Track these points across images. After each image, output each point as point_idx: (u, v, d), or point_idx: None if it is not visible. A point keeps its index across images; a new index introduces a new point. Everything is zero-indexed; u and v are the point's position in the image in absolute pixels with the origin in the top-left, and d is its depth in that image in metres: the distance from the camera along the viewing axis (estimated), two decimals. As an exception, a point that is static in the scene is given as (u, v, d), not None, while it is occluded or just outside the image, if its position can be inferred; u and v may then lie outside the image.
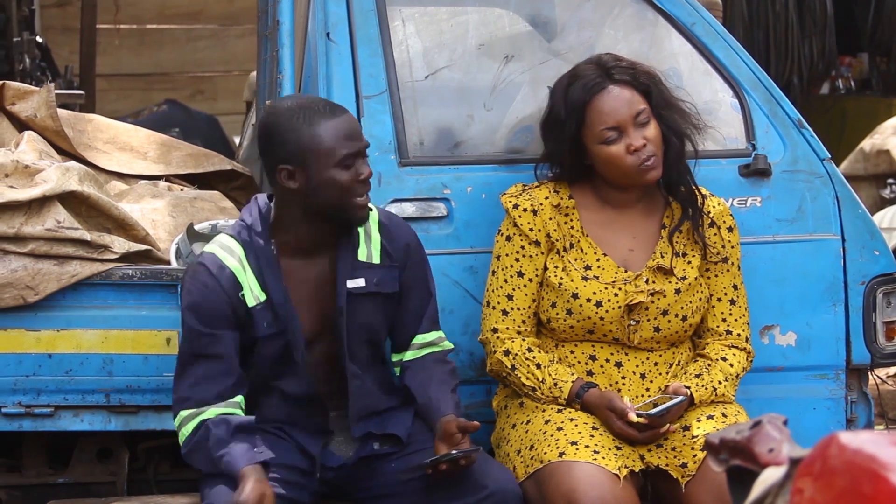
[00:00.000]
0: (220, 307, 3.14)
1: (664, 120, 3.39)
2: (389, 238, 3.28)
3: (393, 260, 3.28)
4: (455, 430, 3.14)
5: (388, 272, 3.27)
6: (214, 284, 3.13)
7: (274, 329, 3.16)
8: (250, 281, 3.16)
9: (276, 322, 3.16)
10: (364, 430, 3.24)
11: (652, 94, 3.38)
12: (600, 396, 3.31)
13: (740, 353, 3.46)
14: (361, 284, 3.22)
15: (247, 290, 3.15)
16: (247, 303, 3.15)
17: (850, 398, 3.74)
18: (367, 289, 3.22)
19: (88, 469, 3.63)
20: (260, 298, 3.16)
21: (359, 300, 3.22)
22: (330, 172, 3.12)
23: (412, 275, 3.31)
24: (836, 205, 3.71)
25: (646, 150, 3.34)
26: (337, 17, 3.61)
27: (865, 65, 10.00)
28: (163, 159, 3.97)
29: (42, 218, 3.42)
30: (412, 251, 3.32)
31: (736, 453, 1.94)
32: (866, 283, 3.72)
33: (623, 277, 3.39)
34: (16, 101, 3.84)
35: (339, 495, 3.30)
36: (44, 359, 3.47)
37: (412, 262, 3.31)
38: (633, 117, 3.34)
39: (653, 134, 3.36)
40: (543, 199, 3.43)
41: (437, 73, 3.69)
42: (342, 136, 3.13)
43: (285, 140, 3.14)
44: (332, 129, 3.13)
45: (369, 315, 3.24)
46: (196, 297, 3.15)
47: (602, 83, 3.36)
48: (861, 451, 1.68)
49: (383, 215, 3.32)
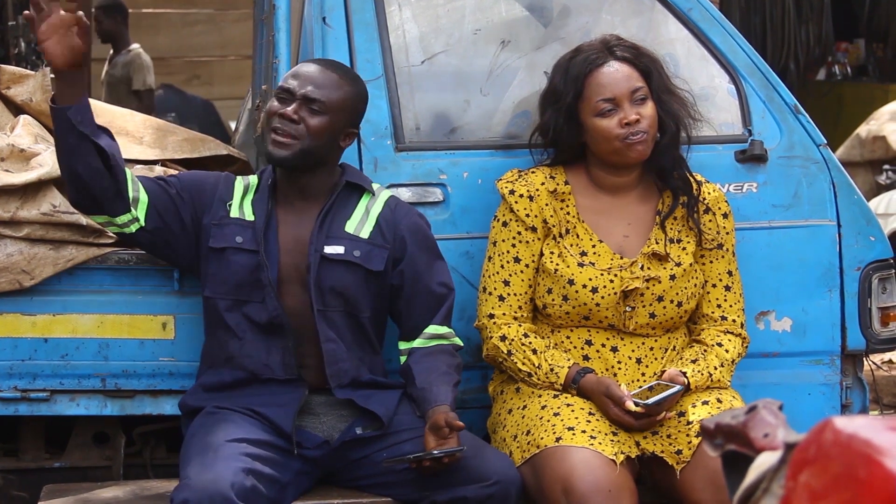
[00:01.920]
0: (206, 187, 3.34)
1: (662, 104, 3.39)
2: (389, 220, 3.33)
3: (386, 241, 3.31)
4: (443, 424, 3.15)
5: (374, 249, 3.31)
6: (216, 175, 3.39)
7: (250, 247, 3.27)
8: (246, 201, 3.33)
9: (253, 243, 3.27)
10: (345, 395, 3.25)
11: (652, 75, 3.39)
12: (597, 382, 3.31)
13: (735, 338, 3.47)
14: (339, 251, 3.29)
15: (235, 203, 3.32)
16: (230, 212, 3.31)
17: (845, 384, 3.75)
18: (345, 257, 3.28)
19: (84, 453, 3.63)
20: (246, 217, 3.31)
21: (334, 266, 3.28)
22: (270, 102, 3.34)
23: (419, 262, 3.32)
24: (833, 191, 3.71)
25: (638, 126, 3.34)
26: (333, 2, 3.61)
27: (862, 51, 10.00)
28: (159, 144, 3.97)
29: (38, 202, 3.42)
30: (414, 239, 3.33)
31: (731, 438, 1.95)
32: (862, 268, 3.72)
33: (619, 264, 3.40)
34: (11, 85, 3.83)
35: (329, 477, 3.31)
36: (40, 343, 3.47)
37: (416, 250, 3.32)
38: (630, 92, 3.35)
39: (648, 113, 3.36)
40: (539, 184, 3.43)
41: (434, 57, 3.68)
42: (292, 71, 3.35)
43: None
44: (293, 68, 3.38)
45: (346, 283, 3.28)
46: (197, 173, 3.44)
47: (603, 58, 3.37)
48: (856, 436, 1.69)
49: (393, 200, 3.38)
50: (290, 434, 3.22)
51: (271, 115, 3.29)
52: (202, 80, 10.29)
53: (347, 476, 3.30)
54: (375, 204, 3.34)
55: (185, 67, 10.33)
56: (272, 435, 3.23)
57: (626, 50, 3.40)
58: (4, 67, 3.86)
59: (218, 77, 10.19)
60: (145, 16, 10.21)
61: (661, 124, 3.39)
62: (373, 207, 3.34)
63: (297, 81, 3.29)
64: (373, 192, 3.37)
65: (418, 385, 3.27)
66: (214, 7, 10.40)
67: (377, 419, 3.26)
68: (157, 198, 3.30)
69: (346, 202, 3.34)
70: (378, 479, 3.26)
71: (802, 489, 1.73)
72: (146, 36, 9.87)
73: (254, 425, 3.21)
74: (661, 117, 3.39)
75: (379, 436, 3.26)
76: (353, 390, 3.27)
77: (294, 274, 3.29)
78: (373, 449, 3.26)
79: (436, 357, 3.31)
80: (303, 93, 3.27)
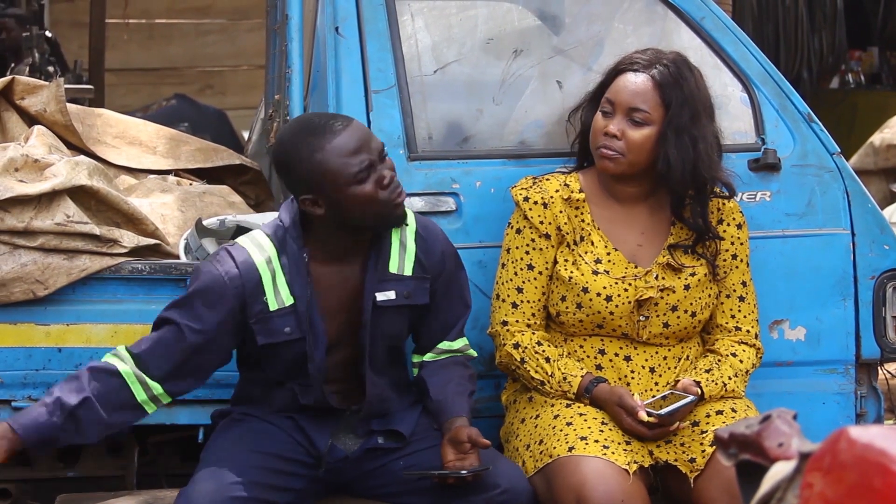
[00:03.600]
0: (228, 300, 3.06)
1: (665, 141, 3.31)
2: (425, 250, 3.24)
3: (426, 271, 3.23)
4: (465, 440, 3.12)
5: (419, 284, 3.22)
6: (233, 275, 3.06)
7: (296, 335, 3.11)
8: (279, 283, 3.10)
9: (299, 328, 3.11)
10: (367, 428, 3.23)
11: (671, 108, 3.31)
12: (610, 392, 3.30)
13: (750, 349, 3.46)
14: (391, 297, 3.17)
15: (270, 293, 3.09)
16: (269, 306, 3.10)
17: (859, 393, 3.74)
18: (397, 301, 3.18)
19: (98, 463, 3.64)
20: (286, 303, 3.10)
21: (386, 312, 3.18)
22: (349, 191, 3.05)
23: (445, 284, 3.28)
24: (846, 199, 3.71)
25: (613, 142, 3.32)
26: (346, 12, 3.61)
27: (875, 59, 9.97)
28: (172, 154, 3.98)
29: (52, 212, 3.42)
30: (447, 262, 3.28)
31: (745, 448, 1.94)
32: (876, 277, 3.71)
33: (633, 273, 3.39)
34: (25, 96, 3.84)
35: (345, 487, 3.30)
36: (53, 353, 3.47)
37: (446, 272, 3.28)
38: (628, 108, 3.33)
39: (634, 137, 3.32)
40: (554, 191, 3.43)
41: (446, 67, 3.69)
42: (346, 153, 3.05)
43: (297, 172, 3.09)
44: (335, 151, 3.05)
45: (395, 326, 3.21)
46: (208, 281, 3.07)
47: (640, 67, 3.34)
48: (871, 446, 1.68)
49: (421, 225, 3.26)
50: (322, 451, 3.18)
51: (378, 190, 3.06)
52: (215, 89, 10.30)
53: (362, 486, 3.28)
54: (408, 235, 3.23)
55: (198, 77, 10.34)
56: (296, 444, 3.19)
57: (663, 73, 3.32)
58: (18, 78, 3.88)
59: (231, 87, 10.21)
60: (158, 26, 10.24)
61: (660, 158, 3.31)
62: (407, 240, 3.22)
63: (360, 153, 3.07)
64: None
65: (433, 398, 3.25)
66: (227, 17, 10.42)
67: (399, 433, 3.25)
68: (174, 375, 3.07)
69: (380, 240, 3.19)
70: (392, 489, 3.25)
71: (817, 499, 1.73)
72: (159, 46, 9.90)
73: (275, 435, 3.18)
74: (661, 152, 3.31)
75: (396, 447, 3.25)
76: (374, 419, 3.25)
77: (343, 331, 3.17)
78: (389, 459, 3.25)
79: (450, 369, 3.30)
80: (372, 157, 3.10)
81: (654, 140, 3.32)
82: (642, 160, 3.33)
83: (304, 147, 3.07)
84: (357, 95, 3.57)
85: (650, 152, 3.33)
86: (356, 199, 3.05)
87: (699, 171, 3.32)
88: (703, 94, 3.36)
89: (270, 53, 4.37)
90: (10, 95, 3.85)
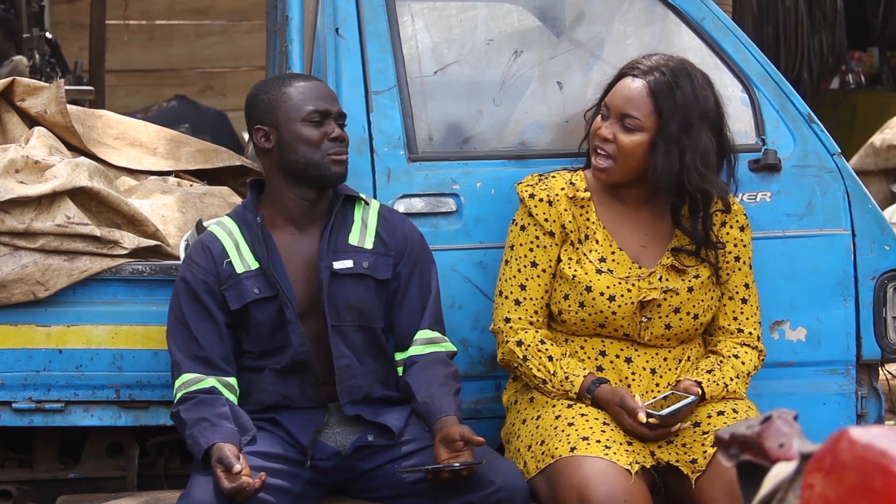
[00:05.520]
0: (204, 277, 3.25)
1: (657, 150, 3.30)
2: (387, 228, 3.34)
3: (388, 248, 3.33)
4: (457, 438, 3.14)
5: (380, 259, 3.32)
6: (203, 257, 3.28)
7: (267, 293, 3.24)
8: (243, 251, 3.28)
9: (269, 287, 3.24)
10: (354, 412, 3.25)
11: (663, 116, 3.30)
12: (611, 393, 3.30)
13: (752, 351, 3.46)
14: (349, 265, 3.29)
15: (235, 259, 3.27)
16: (235, 269, 3.25)
17: (860, 393, 3.74)
18: (355, 269, 3.28)
19: (99, 464, 3.64)
20: (251, 266, 3.26)
21: (346, 281, 3.28)
22: (297, 127, 3.27)
23: (410, 267, 3.34)
24: (847, 200, 3.71)
25: (605, 145, 3.35)
26: (346, 13, 3.62)
27: (876, 59, 9.98)
28: (172, 155, 3.98)
29: (52, 213, 3.43)
30: (411, 244, 3.35)
31: (746, 448, 1.94)
32: (876, 278, 3.71)
33: (637, 273, 3.39)
34: (26, 97, 3.84)
35: (340, 488, 3.31)
36: (54, 354, 3.48)
37: (411, 255, 3.34)
38: (620, 113, 3.33)
39: (625, 141, 3.33)
40: (559, 189, 3.43)
41: (446, 68, 3.69)
42: (311, 95, 3.29)
43: (260, 101, 3.33)
44: (301, 88, 3.30)
45: (359, 297, 3.28)
46: (184, 271, 3.31)
47: (639, 73, 3.33)
48: (871, 447, 1.68)
49: (384, 209, 3.39)
50: (305, 446, 3.22)
51: (324, 139, 3.26)
52: (215, 91, 10.30)
53: (358, 487, 3.30)
54: (370, 214, 3.36)
55: (198, 78, 10.34)
56: (285, 445, 3.23)
57: (659, 81, 3.31)
58: (19, 79, 3.88)
59: (231, 88, 10.20)
60: (158, 27, 10.24)
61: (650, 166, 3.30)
62: (369, 218, 3.35)
63: (321, 100, 3.30)
64: (366, 201, 3.38)
65: (420, 400, 3.26)
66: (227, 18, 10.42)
67: (389, 430, 3.26)
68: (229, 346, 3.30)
69: (343, 216, 3.34)
70: (388, 491, 3.26)
71: (818, 499, 1.73)
72: (159, 47, 9.90)
73: (266, 436, 3.22)
74: (652, 160, 3.30)
75: (390, 446, 3.26)
76: (364, 406, 3.27)
77: (309, 299, 3.28)
78: (383, 460, 3.26)
79: (432, 368, 3.31)
80: (331, 108, 3.31)
81: (645, 147, 3.32)
82: (634, 166, 3.34)
83: (274, 83, 3.35)
84: (357, 96, 3.57)
85: (642, 159, 3.33)
86: (302, 137, 3.26)
87: (683, 182, 3.30)
88: (701, 104, 3.32)
89: (271, 54, 4.37)
90: (10, 97, 3.85)
